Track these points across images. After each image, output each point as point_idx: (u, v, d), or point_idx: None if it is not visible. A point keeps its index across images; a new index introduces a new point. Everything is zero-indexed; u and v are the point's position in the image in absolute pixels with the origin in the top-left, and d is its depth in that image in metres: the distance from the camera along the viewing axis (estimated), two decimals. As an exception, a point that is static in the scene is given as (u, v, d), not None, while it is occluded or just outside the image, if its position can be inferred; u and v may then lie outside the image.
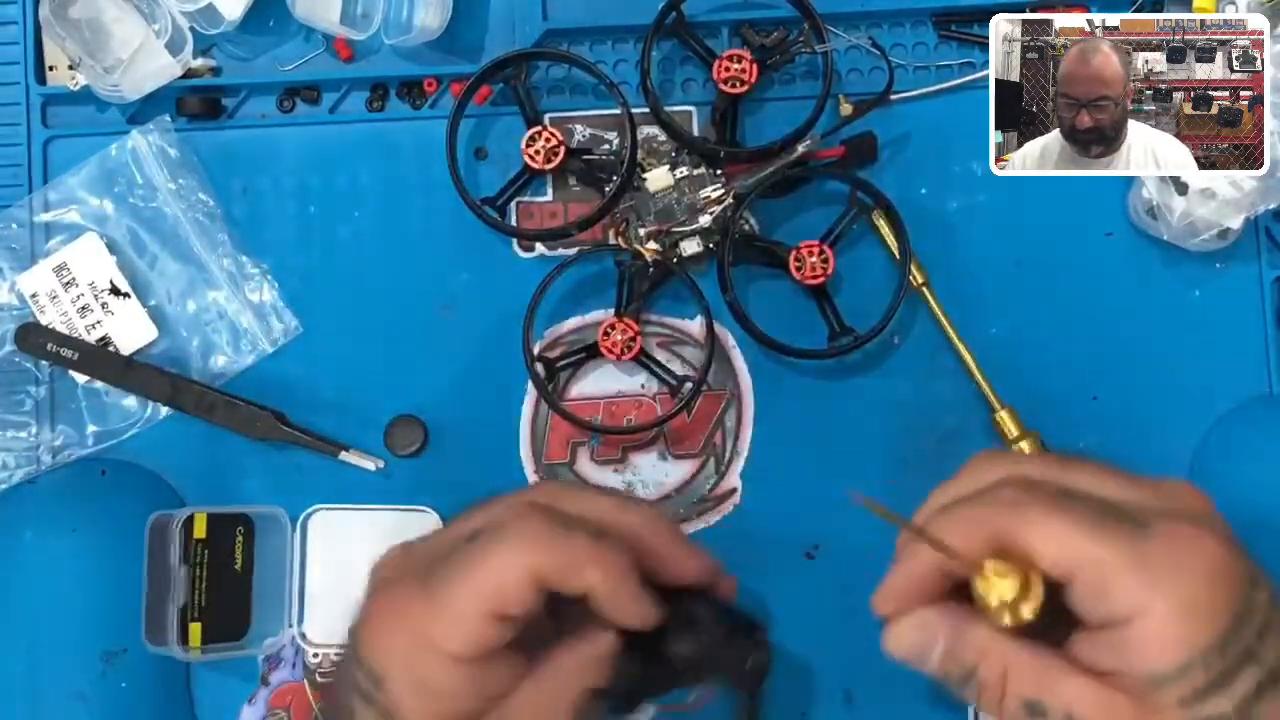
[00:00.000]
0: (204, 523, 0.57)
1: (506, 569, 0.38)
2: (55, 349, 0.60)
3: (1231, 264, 0.60)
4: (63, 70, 0.62)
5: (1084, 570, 0.34)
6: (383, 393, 0.61)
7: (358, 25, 0.60)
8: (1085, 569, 0.34)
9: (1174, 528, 0.34)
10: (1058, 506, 0.35)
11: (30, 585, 0.57)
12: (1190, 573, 0.34)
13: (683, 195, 0.59)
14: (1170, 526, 0.34)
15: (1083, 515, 0.35)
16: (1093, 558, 0.34)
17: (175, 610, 0.56)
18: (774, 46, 0.59)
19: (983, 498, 0.37)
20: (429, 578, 0.39)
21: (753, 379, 0.61)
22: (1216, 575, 0.34)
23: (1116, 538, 0.34)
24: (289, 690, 0.60)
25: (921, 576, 0.38)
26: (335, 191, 0.62)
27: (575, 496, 0.42)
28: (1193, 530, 0.34)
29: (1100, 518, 0.35)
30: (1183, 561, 0.34)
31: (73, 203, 0.61)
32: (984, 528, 0.36)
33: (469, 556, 0.39)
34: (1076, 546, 0.34)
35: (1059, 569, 0.35)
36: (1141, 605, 0.33)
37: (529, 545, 0.38)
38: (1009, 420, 0.58)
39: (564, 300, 0.61)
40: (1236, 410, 0.59)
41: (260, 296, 0.61)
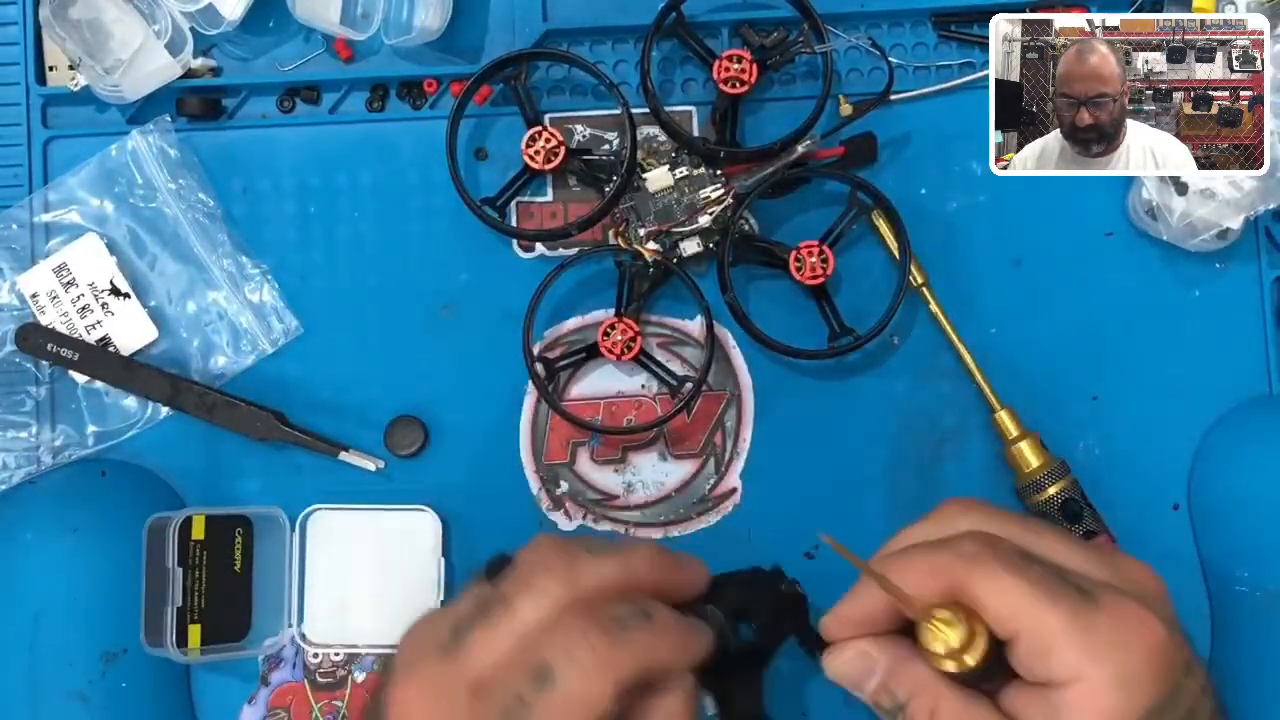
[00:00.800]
0: (202, 524, 0.57)
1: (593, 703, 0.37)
2: (55, 349, 0.60)
3: (1231, 264, 0.60)
4: (63, 71, 0.62)
5: (1028, 632, 0.36)
6: (383, 393, 0.61)
7: (358, 25, 0.60)
8: (1030, 631, 0.36)
9: (1121, 604, 0.36)
10: (1013, 566, 0.36)
11: (30, 586, 0.57)
12: (1129, 649, 0.35)
13: (683, 195, 0.59)
14: (1117, 602, 0.36)
15: (1036, 578, 0.36)
16: (1038, 621, 0.35)
17: (171, 612, 0.55)
18: (774, 47, 0.59)
19: (944, 546, 0.38)
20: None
21: (753, 379, 0.61)
22: (1153, 655, 0.35)
23: (1064, 605, 0.35)
24: (289, 690, 0.60)
25: (873, 610, 0.39)
26: (335, 192, 0.62)
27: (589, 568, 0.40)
28: (1138, 609, 0.36)
29: (1053, 583, 0.36)
30: (1124, 638, 0.35)
31: (73, 203, 0.61)
32: (940, 576, 0.37)
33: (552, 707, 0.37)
34: (1025, 608, 0.36)
35: (1005, 627, 0.36)
36: (1078, 673, 0.35)
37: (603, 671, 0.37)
38: (1008, 420, 0.58)
39: (564, 300, 0.61)
40: (1236, 410, 0.59)
41: (260, 297, 0.61)
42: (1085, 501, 0.57)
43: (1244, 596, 0.56)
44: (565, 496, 0.60)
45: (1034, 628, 0.35)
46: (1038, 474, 0.57)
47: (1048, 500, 0.56)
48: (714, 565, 0.59)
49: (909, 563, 0.38)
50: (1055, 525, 0.41)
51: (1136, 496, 0.58)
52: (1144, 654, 0.35)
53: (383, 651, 0.60)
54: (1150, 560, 0.57)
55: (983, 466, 0.59)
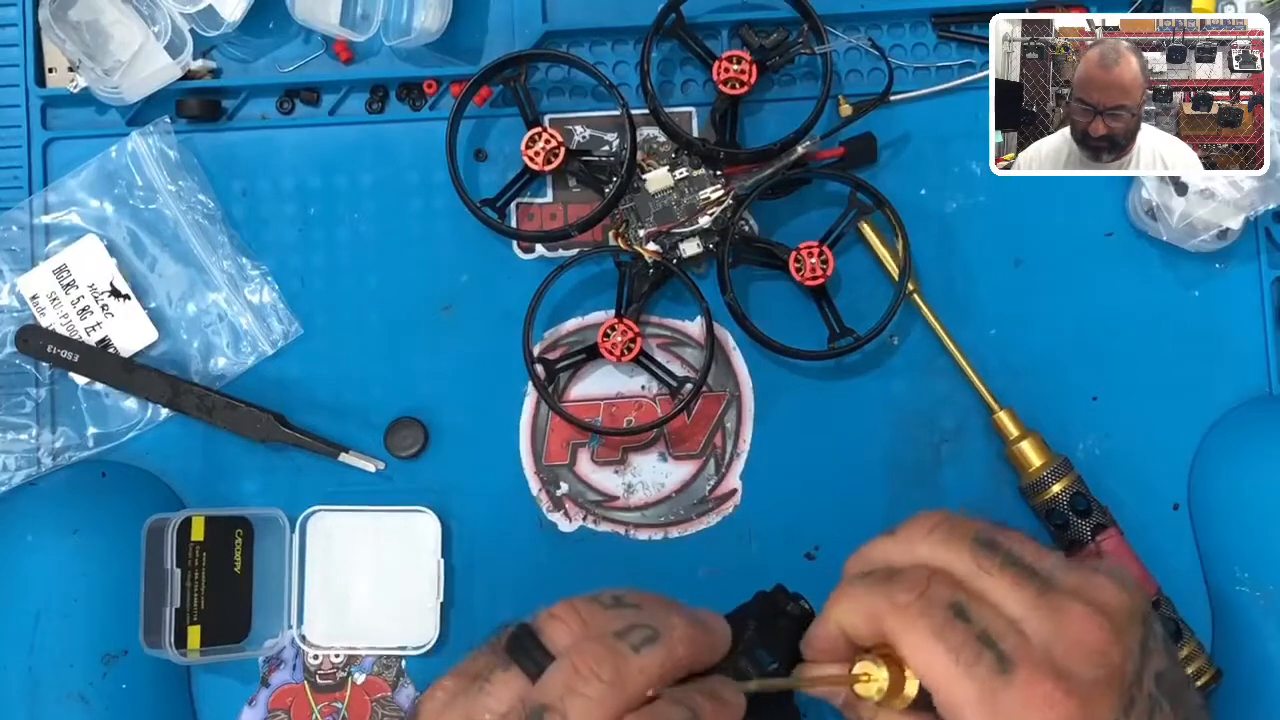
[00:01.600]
0: (202, 525, 0.57)
1: None
2: (55, 351, 0.60)
3: (1231, 264, 0.60)
4: (63, 72, 0.62)
5: (942, 695, 0.38)
6: (383, 394, 0.61)
7: (357, 27, 0.60)
8: (943, 694, 0.37)
9: (1034, 681, 0.37)
10: (936, 629, 0.38)
11: (30, 586, 0.57)
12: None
13: (682, 196, 0.59)
14: (1030, 678, 0.37)
15: (958, 644, 0.37)
16: (950, 690, 0.37)
17: (171, 614, 0.55)
18: (773, 47, 0.59)
19: (884, 590, 0.40)
20: None
21: (753, 380, 0.61)
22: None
23: (977, 678, 0.37)
24: (289, 691, 0.60)
25: (834, 638, 0.41)
26: (335, 193, 0.62)
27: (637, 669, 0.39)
28: (1049, 688, 0.37)
29: (971, 652, 0.37)
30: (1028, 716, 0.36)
31: (73, 205, 0.61)
32: (875, 622, 0.39)
33: None
34: (940, 674, 0.37)
35: (925, 683, 0.38)
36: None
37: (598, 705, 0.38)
38: (1008, 421, 0.58)
39: (564, 301, 0.61)
40: (1236, 410, 0.59)
41: (260, 298, 0.61)
42: (1090, 498, 0.57)
43: (1244, 596, 0.56)
44: (565, 497, 0.60)
45: (947, 693, 0.37)
46: (1040, 473, 0.57)
47: (1052, 498, 0.56)
48: (714, 566, 0.60)
49: (855, 597, 0.41)
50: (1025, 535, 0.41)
51: (1136, 496, 0.58)
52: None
53: (382, 653, 0.60)
54: (1150, 560, 0.57)
55: (983, 467, 0.59)
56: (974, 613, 0.39)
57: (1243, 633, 0.57)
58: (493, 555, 0.60)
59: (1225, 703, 0.56)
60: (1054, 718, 0.36)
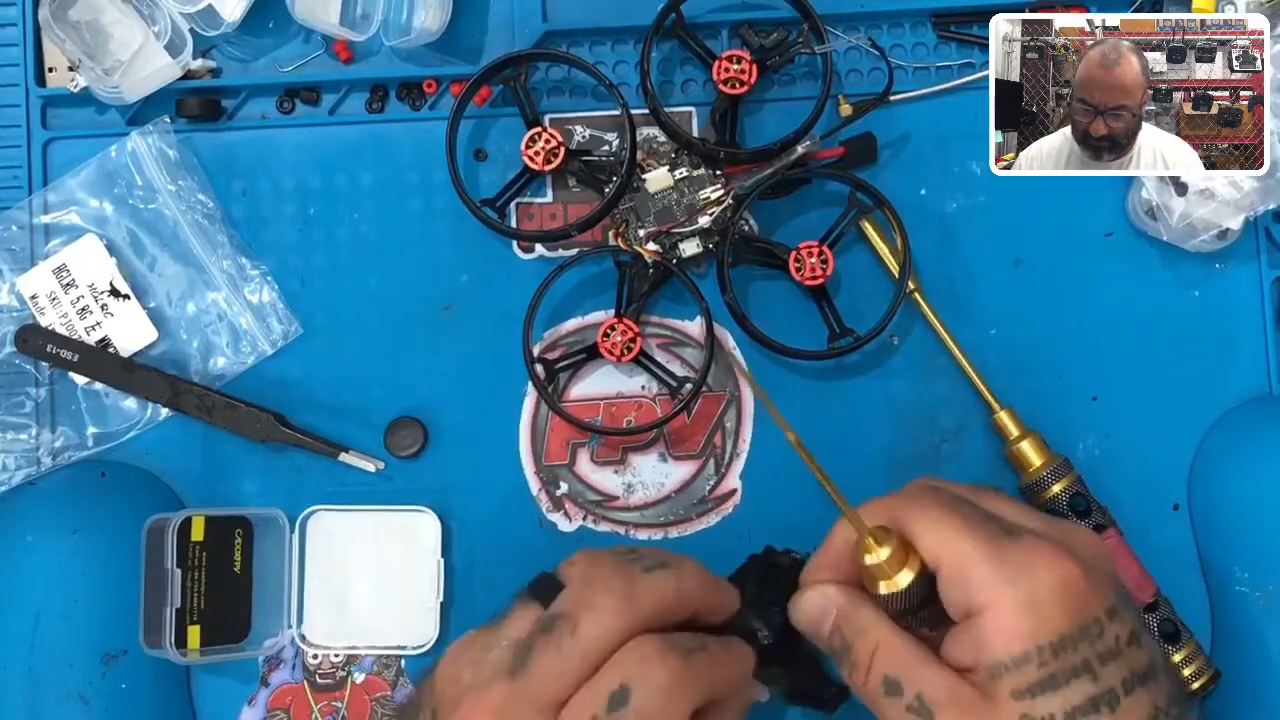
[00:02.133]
0: (202, 525, 0.57)
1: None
2: (55, 350, 0.60)
3: (1231, 264, 0.60)
4: (62, 72, 0.62)
5: (950, 558, 0.38)
6: (383, 393, 0.61)
7: (357, 26, 0.60)
8: (951, 557, 0.38)
9: (1038, 542, 0.38)
10: (944, 505, 0.40)
11: (30, 586, 0.57)
12: (1039, 578, 0.37)
13: (682, 196, 0.59)
14: (1035, 540, 0.38)
15: (964, 516, 0.39)
16: (960, 548, 0.38)
17: (171, 613, 0.55)
18: (773, 47, 0.59)
19: (895, 493, 0.42)
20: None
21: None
22: (1065, 586, 0.37)
23: (984, 537, 0.38)
24: (289, 691, 0.60)
25: (836, 554, 0.42)
26: (335, 193, 0.62)
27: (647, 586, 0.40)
28: (1054, 547, 0.38)
29: (977, 519, 0.39)
30: (1035, 567, 0.37)
31: (72, 204, 0.61)
32: (888, 511, 0.41)
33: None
34: (951, 537, 0.39)
35: (933, 555, 0.39)
36: (992, 597, 0.37)
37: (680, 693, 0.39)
38: (1009, 421, 0.58)
39: (564, 301, 0.61)
40: (1236, 410, 0.59)
41: (260, 298, 0.61)
42: (1090, 498, 0.57)
43: (1244, 596, 0.56)
44: (565, 497, 0.60)
45: (956, 555, 0.38)
46: (1041, 472, 0.57)
47: (1053, 499, 0.56)
48: (714, 566, 0.59)
49: (864, 505, 0.42)
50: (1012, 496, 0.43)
51: (1136, 496, 0.58)
52: (1054, 582, 0.37)
53: (382, 653, 0.60)
54: (1150, 560, 0.57)
55: (983, 467, 0.59)
56: (977, 505, 0.40)
57: (1242, 633, 0.57)
58: (493, 555, 0.60)
59: (1225, 703, 0.57)
60: (1059, 569, 0.37)
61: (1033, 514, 0.41)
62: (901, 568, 0.39)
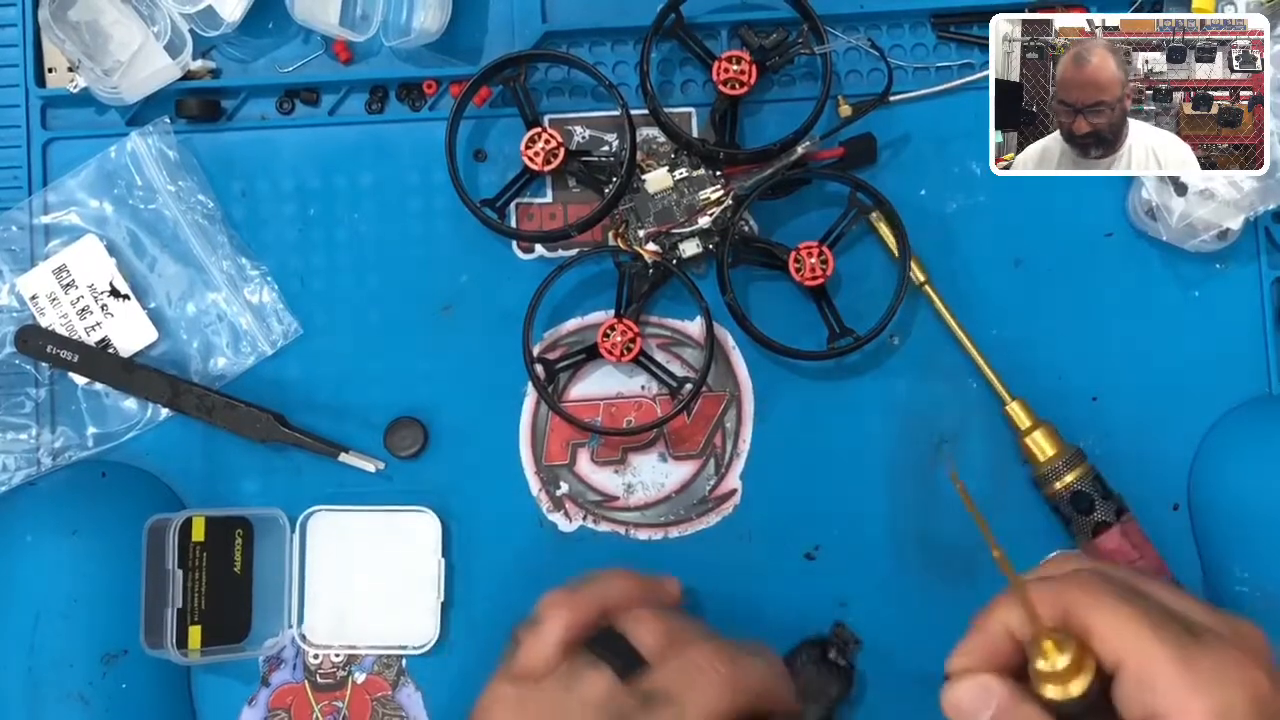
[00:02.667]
0: (203, 526, 0.57)
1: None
2: (55, 351, 0.60)
3: (1231, 264, 0.60)
4: (62, 72, 0.62)
5: (1135, 661, 0.36)
6: (383, 394, 0.61)
7: (357, 27, 0.60)
8: (1136, 659, 0.36)
9: (1224, 645, 0.37)
10: (1125, 599, 0.37)
11: (30, 587, 0.57)
12: (1231, 687, 0.36)
13: (682, 197, 0.59)
14: (1221, 644, 0.37)
15: (1146, 612, 0.37)
16: (1145, 650, 0.36)
17: (172, 614, 0.56)
18: (773, 48, 0.59)
19: (1062, 578, 0.39)
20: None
21: (753, 380, 0.61)
22: (1256, 696, 0.36)
23: (1171, 638, 0.36)
24: (289, 691, 0.60)
25: (995, 645, 0.39)
26: (335, 193, 0.62)
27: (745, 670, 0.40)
28: (1241, 654, 0.37)
29: (1160, 617, 0.37)
30: (1227, 675, 0.36)
31: (72, 205, 0.61)
32: (1059, 601, 0.38)
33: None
34: (1133, 637, 0.36)
35: (1113, 655, 0.37)
36: (1181, 704, 0.35)
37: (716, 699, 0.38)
38: (1020, 411, 0.58)
39: (564, 302, 0.61)
40: (1236, 410, 0.59)
41: (260, 298, 0.61)
42: (1106, 487, 0.57)
43: (1244, 596, 0.56)
44: (565, 497, 0.60)
45: (1140, 657, 0.36)
46: (1054, 462, 0.57)
47: (1065, 488, 0.56)
48: (714, 566, 0.60)
49: (1040, 585, 0.39)
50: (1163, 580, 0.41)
51: (1136, 496, 0.58)
52: (1246, 693, 0.36)
53: (383, 653, 0.60)
54: (1150, 561, 0.57)
55: (983, 466, 0.59)
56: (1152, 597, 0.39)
57: (1242, 633, 0.57)
58: (493, 555, 0.60)
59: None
60: (1250, 678, 0.36)
61: (1199, 605, 0.40)
62: (1078, 673, 0.37)
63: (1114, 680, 0.37)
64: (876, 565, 0.59)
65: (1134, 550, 0.56)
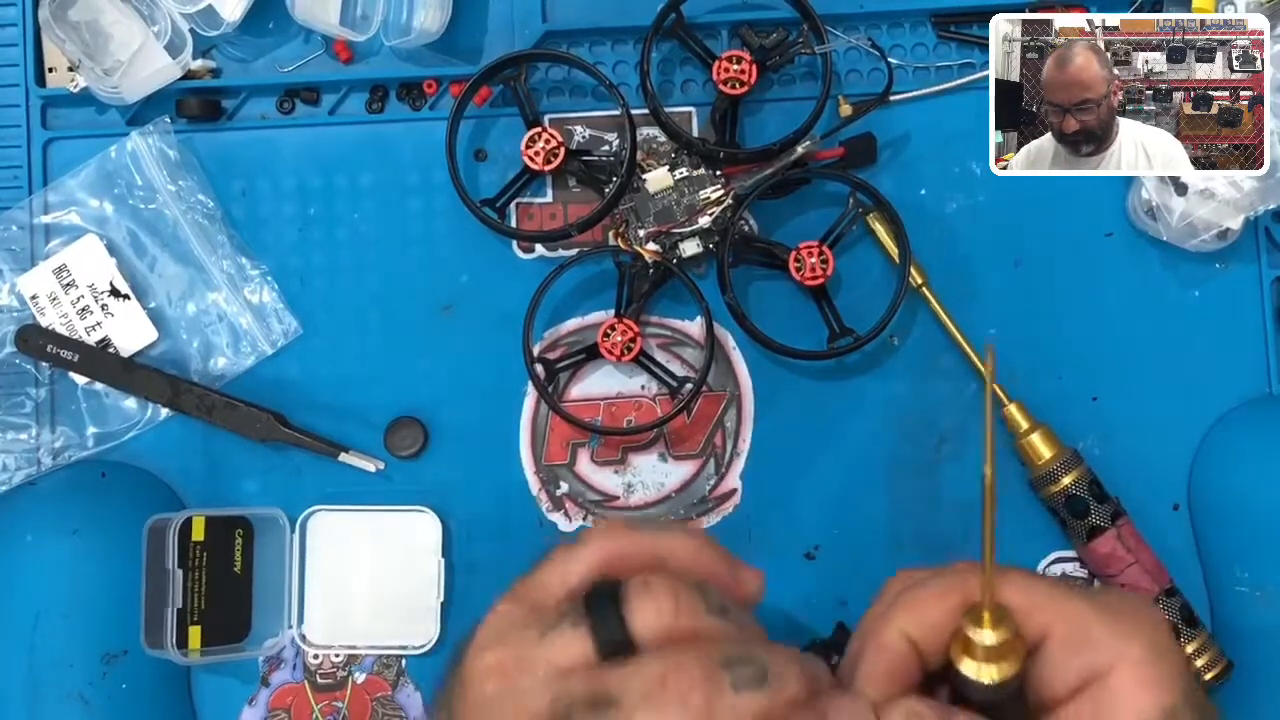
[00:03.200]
0: (203, 525, 0.57)
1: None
2: (55, 351, 0.60)
3: (1231, 264, 0.60)
4: (62, 72, 0.62)
5: (1062, 624, 0.35)
6: (383, 393, 0.61)
7: (357, 27, 0.60)
8: (1064, 622, 0.35)
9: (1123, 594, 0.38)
10: (1028, 571, 0.37)
11: (30, 587, 0.57)
12: (1155, 625, 0.35)
13: (682, 196, 0.59)
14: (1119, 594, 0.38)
15: (1054, 581, 0.37)
16: (1069, 609, 0.35)
17: (172, 614, 0.56)
18: (773, 47, 0.59)
19: (951, 570, 0.37)
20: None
21: (753, 380, 0.61)
22: (1170, 632, 0.36)
23: (1086, 596, 0.36)
24: (289, 691, 0.60)
25: (897, 657, 0.37)
26: (335, 193, 0.62)
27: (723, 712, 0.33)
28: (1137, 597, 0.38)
29: (1065, 583, 0.38)
30: (1146, 616, 0.36)
31: (73, 204, 0.61)
32: (959, 591, 0.36)
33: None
34: (1061, 600, 0.36)
35: (1036, 622, 0.35)
36: (1119, 652, 0.35)
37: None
38: (1018, 414, 0.58)
39: (564, 301, 0.61)
40: (1236, 410, 0.59)
41: (260, 298, 0.61)
42: (1102, 490, 0.57)
43: (1244, 596, 0.56)
44: (565, 497, 0.60)
45: (1067, 616, 0.35)
46: (1051, 465, 0.57)
47: (1061, 491, 0.56)
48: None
49: (925, 588, 0.37)
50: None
51: (1136, 496, 0.58)
52: (1164, 630, 0.36)
53: (383, 653, 0.60)
54: (1150, 561, 0.57)
55: (982, 467, 0.59)
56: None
57: (1243, 633, 0.57)
58: (493, 555, 0.60)
59: (1225, 703, 0.56)
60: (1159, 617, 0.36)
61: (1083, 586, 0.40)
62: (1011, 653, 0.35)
63: (1036, 657, 0.35)
64: (876, 565, 0.59)
65: (1129, 554, 0.56)
